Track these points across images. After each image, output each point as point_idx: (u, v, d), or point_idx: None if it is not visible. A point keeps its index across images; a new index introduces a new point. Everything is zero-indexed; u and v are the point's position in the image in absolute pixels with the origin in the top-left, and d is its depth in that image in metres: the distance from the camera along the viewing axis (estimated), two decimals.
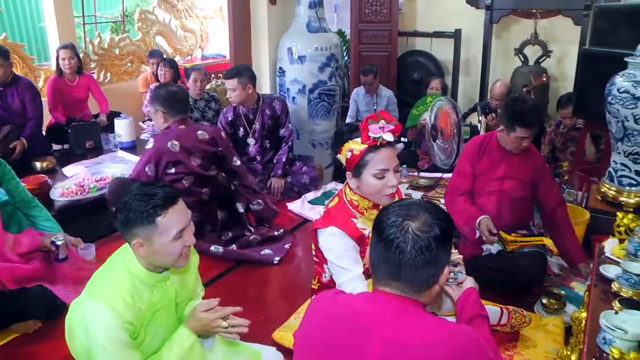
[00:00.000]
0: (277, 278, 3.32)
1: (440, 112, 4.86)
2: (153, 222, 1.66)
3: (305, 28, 4.95)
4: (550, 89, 5.95)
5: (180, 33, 7.68)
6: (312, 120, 5.04)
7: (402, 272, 1.34)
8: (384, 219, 1.38)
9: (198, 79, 4.99)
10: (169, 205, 1.69)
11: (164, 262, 1.76)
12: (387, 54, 6.54)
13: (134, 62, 6.78)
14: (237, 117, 4.25)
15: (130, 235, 1.69)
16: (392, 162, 2.06)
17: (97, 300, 1.65)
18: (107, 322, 1.62)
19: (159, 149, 3.19)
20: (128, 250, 1.76)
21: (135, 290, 1.71)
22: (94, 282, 1.75)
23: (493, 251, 3.10)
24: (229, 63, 5.97)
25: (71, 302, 1.75)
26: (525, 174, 3.08)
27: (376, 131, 2.03)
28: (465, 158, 3.19)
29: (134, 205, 1.67)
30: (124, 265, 1.74)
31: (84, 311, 1.66)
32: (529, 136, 2.93)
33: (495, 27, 6.12)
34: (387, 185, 2.06)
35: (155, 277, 1.78)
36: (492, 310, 2.71)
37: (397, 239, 1.33)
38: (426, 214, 1.36)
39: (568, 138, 4.61)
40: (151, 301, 1.76)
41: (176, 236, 1.70)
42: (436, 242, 1.33)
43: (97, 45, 6.33)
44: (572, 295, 2.97)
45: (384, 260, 1.36)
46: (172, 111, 3.26)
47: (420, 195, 4.73)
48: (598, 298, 2.07)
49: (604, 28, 3.53)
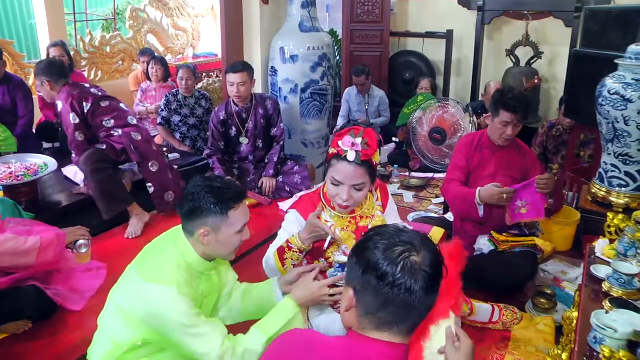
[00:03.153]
0: None
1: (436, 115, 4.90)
2: (226, 213, 1.80)
3: (298, 27, 4.94)
4: (541, 91, 5.99)
5: (172, 31, 7.67)
6: (304, 119, 5.03)
7: (410, 315, 1.23)
8: (381, 261, 1.21)
9: (185, 77, 4.98)
10: (240, 200, 1.85)
11: (221, 253, 1.90)
12: (379, 54, 6.56)
13: (125, 61, 6.77)
14: (230, 116, 4.24)
15: (198, 224, 1.81)
16: (348, 179, 2.05)
17: (161, 283, 1.75)
18: (177, 298, 1.72)
19: (68, 99, 3.52)
20: (181, 240, 1.87)
21: (190, 273, 1.83)
22: (146, 268, 1.83)
23: (485, 251, 3.13)
24: (221, 62, 5.96)
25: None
26: (515, 171, 3.11)
27: (346, 144, 2.03)
28: (459, 152, 3.23)
29: (208, 197, 1.79)
30: (179, 252, 1.85)
31: (148, 299, 1.74)
32: (513, 122, 2.96)
33: (487, 28, 6.15)
34: (339, 195, 2.09)
35: (206, 265, 1.90)
36: (484, 308, 2.74)
37: (406, 280, 1.19)
38: (420, 244, 1.24)
39: (560, 142, 4.64)
40: (201, 287, 1.88)
41: (240, 229, 1.86)
42: (439, 272, 1.24)
43: (88, 43, 6.31)
44: (563, 295, 3.00)
45: (390, 305, 1.21)
46: (56, 78, 3.57)
47: (412, 195, 4.76)
48: (589, 298, 2.09)
49: (594, 30, 3.55)
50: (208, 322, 1.78)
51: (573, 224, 3.49)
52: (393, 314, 1.22)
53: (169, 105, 5.04)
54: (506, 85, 5.28)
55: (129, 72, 6.58)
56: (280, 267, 2.14)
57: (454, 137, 4.88)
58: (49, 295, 2.58)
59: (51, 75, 3.56)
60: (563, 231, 3.50)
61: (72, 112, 3.53)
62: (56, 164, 3.56)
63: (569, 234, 3.54)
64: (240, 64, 4.19)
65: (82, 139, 3.59)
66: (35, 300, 2.53)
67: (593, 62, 3.39)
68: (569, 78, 3.98)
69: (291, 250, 2.12)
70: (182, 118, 5.06)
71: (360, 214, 2.25)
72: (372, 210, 2.28)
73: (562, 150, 4.60)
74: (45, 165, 3.55)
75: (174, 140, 5.05)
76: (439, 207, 4.45)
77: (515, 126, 2.98)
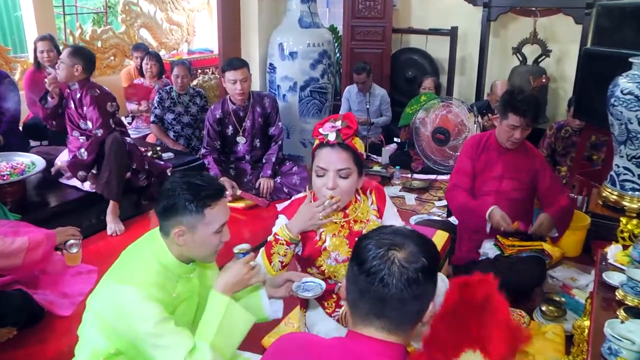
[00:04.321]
0: None
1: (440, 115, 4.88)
2: (202, 211, 1.75)
3: (297, 23, 4.94)
4: (549, 90, 5.97)
5: (166, 26, 7.65)
6: (303, 118, 5.02)
7: (386, 308, 1.24)
8: (365, 249, 1.26)
9: (180, 75, 4.95)
10: (218, 198, 1.80)
11: (198, 254, 1.84)
12: (380, 51, 6.54)
13: (117, 56, 6.74)
14: (227, 114, 4.22)
15: (173, 223, 1.76)
16: (332, 164, 2.04)
17: (129, 284, 1.71)
18: (142, 301, 1.68)
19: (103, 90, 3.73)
20: (157, 240, 1.83)
21: (164, 276, 1.79)
22: (119, 270, 1.81)
23: (490, 256, 3.11)
24: (217, 58, 5.95)
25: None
26: (523, 174, 3.09)
27: (327, 128, 2.05)
28: (464, 155, 3.20)
29: (184, 193, 1.74)
30: (153, 254, 1.81)
31: (120, 300, 1.70)
32: (521, 126, 2.94)
33: (492, 25, 6.13)
34: (324, 185, 2.07)
35: (183, 267, 1.85)
36: None
37: (380, 271, 1.22)
38: (412, 244, 1.26)
39: (569, 143, 4.61)
40: (176, 291, 1.83)
41: (218, 229, 1.80)
42: (424, 274, 1.23)
43: (78, 37, 6.28)
44: (572, 303, 2.98)
45: (366, 295, 1.24)
46: (89, 70, 3.69)
47: (414, 197, 4.74)
48: (601, 306, 2.07)
49: (607, 27, 3.53)
50: (175, 332, 1.72)
51: (583, 228, 3.47)
52: (369, 304, 1.25)
53: (162, 102, 5.01)
54: (515, 86, 5.25)
55: (121, 68, 6.54)
56: (267, 264, 2.11)
57: (458, 137, 4.86)
58: (36, 299, 2.55)
59: (87, 65, 3.65)
60: (572, 236, 3.48)
61: (110, 102, 3.71)
62: (44, 162, 3.54)
63: (579, 239, 3.52)
64: (239, 60, 4.18)
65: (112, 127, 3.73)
66: (21, 305, 2.50)
67: (605, 60, 3.38)
68: (578, 77, 3.97)
69: (278, 242, 2.10)
70: (175, 116, 5.03)
71: (354, 217, 2.20)
72: (367, 214, 2.23)
73: (571, 152, 4.58)
74: (32, 164, 3.52)
75: (167, 139, 5.02)
76: (442, 209, 4.43)
77: (524, 130, 2.97)
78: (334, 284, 2.20)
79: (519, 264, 2.98)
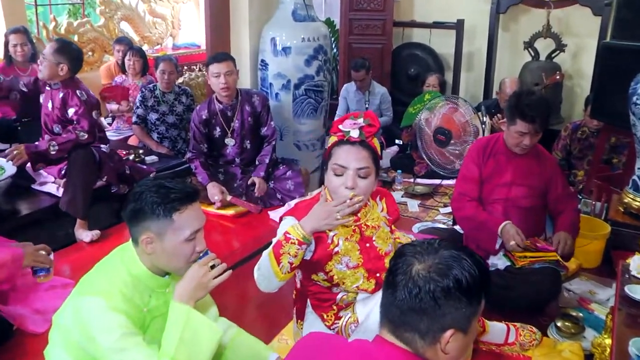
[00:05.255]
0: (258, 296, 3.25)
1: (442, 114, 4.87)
2: (170, 216, 1.73)
3: (291, 16, 4.93)
4: (564, 88, 5.98)
5: (149, 19, 7.63)
6: (297, 119, 5.00)
7: (402, 317, 1.31)
8: (396, 262, 1.35)
9: (166, 71, 4.92)
10: (189, 202, 1.77)
11: (170, 265, 1.81)
12: (380, 46, 6.54)
13: (95, 51, 6.69)
14: (213, 114, 4.20)
15: (141, 229, 1.74)
16: (352, 162, 2.10)
17: (90, 295, 1.68)
18: (105, 312, 1.65)
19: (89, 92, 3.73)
20: (129, 251, 1.81)
21: (134, 288, 1.76)
22: (84, 283, 1.79)
23: (500, 266, 3.09)
24: (205, 53, 5.92)
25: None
26: (535, 180, 3.08)
27: (347, 125, 2.12)
28: (470, 161, 3.18)
29: (152, 196, 1.73)
30: (123, 264, 1.79)
31: (80, 313, 1.68)
32: (530, 133, 2.92)
33: (502, 18, 6.14)
34: (343, 185, 2.10)
35: (156, 280, 1.83)
36: (497, 327, 2.70)
37: (401, 281, 1.31)
38: (447, 258, 1.31)
39: (587, 145, 4.60)
40: (149, 306, 1.80)
41: (189, 237, 1.77)
42: (442, 292, 1.26)
43: (52, 31, 6.23)
44: (591, 319, 2.94)
45: (388, 303, 1.34)
46: (75, 69, 3.67)
47: (417, 203, 4.71)
48: (624, 323, 2.06)
49: (628, 19, 3.52)
50: (140, 347, 1.68)
51: (602, 237, 3.44)
52: (392, 314, 1.33)
53: (145, 101, 4.98)
54: (524, 87, 5.24)
55: (100, 65, 6.50)
56: (275, 266, 2.09)
57: (461, 139, 4.83)
58: (4, 316, 2.51)
59: (74, 64, 3.63)
60: (590, 245, 3.45)
61: (95, 110, 3.69)
62: (14, 168, 3.50)
63: (597, 249, 3.49)
64: (223, 53, 4.19)
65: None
66: None
67: (626, 55, 3.37)
68: (597, 73, 3.97)
69: (289, 241, 2.07)
70: (159, 116, 5.00)
71: (365, 221, 2.26)
72: (377, 220, 2.29)
73: (588, 155, 4.57)
74: (1, 169, 3.49)
75: (150, 141, 4.99)
76: (448, 217, 4.40)
77: (534, 135, 2.95)
78: (335, 294, 2.25)
79: (531, 276, 2.95)
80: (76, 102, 3.58)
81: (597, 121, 4.33)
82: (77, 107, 3.59)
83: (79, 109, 3.59)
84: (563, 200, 3.11)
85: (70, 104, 3.60)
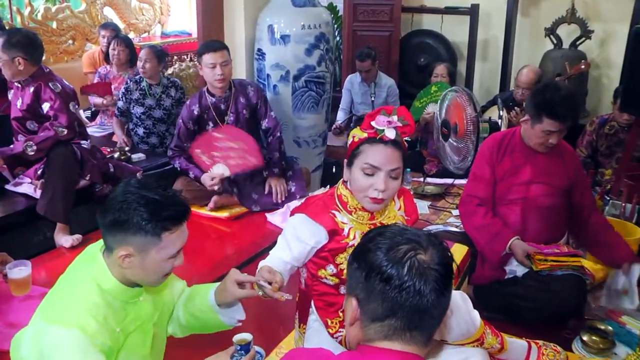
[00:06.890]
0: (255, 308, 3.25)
1: (453, 104, 4.84)
2: (159, 235, 1.69)
3: (290, 1, 4.92)
4: (589, 79, 5.96)
5: (135, 4, 7.64)
6: (297, 113, 5.00)
7: (423, 320, 1.31)
8: (384, 261, 1.31)
9: (142, 58, 4.86)
10: (181, 222, 1.75)
11: (144, 279, 1.79)
12: (387, 34, 6.54)
13: (76, 39, 6.68)
14: (205, 109, 4.18)
15: (120, 241, 1.70)
16: (386, 163, 2.11)
17: (61, 325, 1.62)
18: (80, 349, 1.60)
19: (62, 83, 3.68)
20: (97, 262, 1.76)
21: (108, 308, 1.72)
22: (51, 304, 1.73)
23: (518, 274, 3.08)
24: (196, 42, 5.92)
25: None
26: (556, 178, 3.06)
27: (381, 123, 2.11)
28: (482, 159, 3.17)
29: (140, 211, 1.67)
30: (93, 280, 1.74)
31: (42, 343, 1.63)
32: (558, 131, 2.92)
33: (521, 2, 6.14)
34: (373, 186, 2.12)
35: (130, 292, 1.80)
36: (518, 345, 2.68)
37: (412, 279, 1.28)
38: (429, 244, 1.34)
39: (615, 141, 4.59)
40: (125, 322, 1.77)
41: (173, 255, 1.76)
42: (450, 273, 1.34)
43: (28, 17, 6.22)
44: (622, 333, 2.91)
45: (398, 310, 1.30)
46: (37, 57, 3.60)
47: (428, 205, 4.70)
48: None
49: None
50: None
51: (634, 243, 3.42)
52: (404, 320, 1.30)
53: (129, 93, 4.96)
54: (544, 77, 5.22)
55: (81, 54, 6.50)
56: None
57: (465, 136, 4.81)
58: None
59: (30, 53, 3.53)
60: None
61: (72, 102, 3.66)
62: None
63: None
64: (217, 42, 4.17)
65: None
66: None
67: None
68: (628, 63, 3.95)
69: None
70: (145, 110, 4.98)
71: (381, 220, 2.29)
72: (394, 219, 2.31)
73: (616, 152, 4.56)
74: None
75: (120, 132, 5.04)
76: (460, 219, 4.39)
77: (561, 133, 2.94)
78: (342, 297, 2.25)
79: (553, 284, 2.94)
80: (50, 95, 3.55)
81: (627, 115, 4.32)
82: (51, 101, 3.55)
83: (54, 103, 3.56)
84: (587, 204, 3.13)
85: (44, 97, 3.57)
